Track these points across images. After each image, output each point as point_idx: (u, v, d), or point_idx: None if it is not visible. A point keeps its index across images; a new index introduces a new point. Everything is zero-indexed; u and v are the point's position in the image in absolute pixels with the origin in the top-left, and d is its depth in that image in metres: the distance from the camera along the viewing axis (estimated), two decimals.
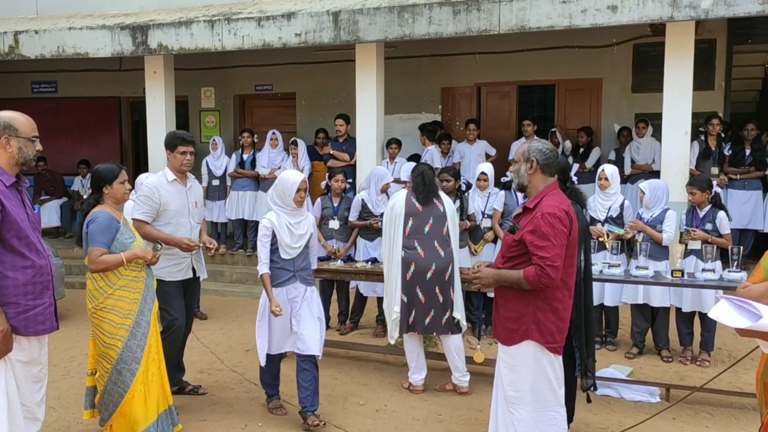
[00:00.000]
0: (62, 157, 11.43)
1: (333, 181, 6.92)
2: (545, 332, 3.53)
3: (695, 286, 5.24)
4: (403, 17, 7.66)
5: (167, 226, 4.85)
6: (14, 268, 3.24)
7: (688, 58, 7.10)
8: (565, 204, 3.56)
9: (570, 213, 3.53)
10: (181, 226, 4.90)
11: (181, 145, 4.91)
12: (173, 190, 4.91)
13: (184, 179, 5.03)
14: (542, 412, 3.62)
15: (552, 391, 3.62)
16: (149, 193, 4.81)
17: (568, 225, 3.47)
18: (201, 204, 5.18)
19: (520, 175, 3.67)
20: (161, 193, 4.83)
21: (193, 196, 5.04)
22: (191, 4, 9.60)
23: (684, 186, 6.96)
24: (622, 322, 6.50)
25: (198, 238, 5.02)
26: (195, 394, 5.23)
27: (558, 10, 7.07)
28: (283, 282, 4.63)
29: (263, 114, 11.55)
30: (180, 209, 4.91)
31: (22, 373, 3.32)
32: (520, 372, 3.61)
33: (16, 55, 9.36)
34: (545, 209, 3.47)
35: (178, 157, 4.91)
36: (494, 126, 10.33)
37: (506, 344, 3.65)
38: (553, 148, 3.71)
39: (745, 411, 4.94)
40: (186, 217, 4.94)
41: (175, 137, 4.97)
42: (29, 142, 3.32)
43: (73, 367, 5.99)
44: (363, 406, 5.09)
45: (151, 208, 4.80)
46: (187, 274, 5.02)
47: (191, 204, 5.00)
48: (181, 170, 4.96)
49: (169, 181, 4.92)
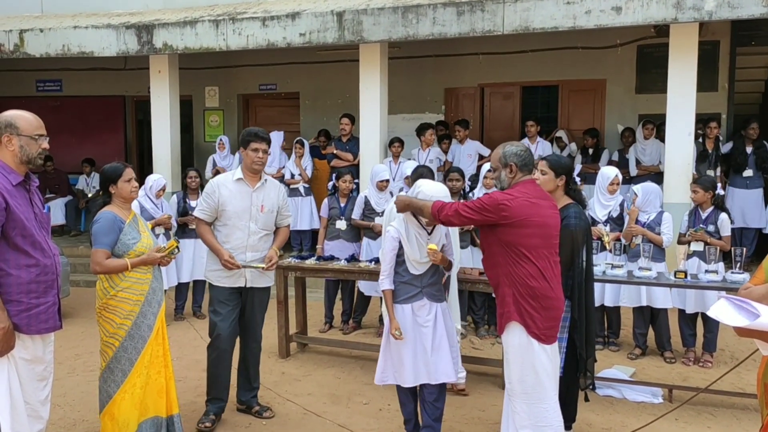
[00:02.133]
0: (67, 155, 11.46)
1: (341, 181, 6.95)
2: (524, 314, 3.61)
3: (698, 288, 5.26)
4: (407, 17, 7.68)
5: (224, 227, 4.56)
6: (18, 267, 3.25)
7: (691, 60, 7.11)
8: (530, 194, 3.68)
9: (516, 203, 3.60)
10: (238, 229, 4.55)
11: (254, 142, 4.54)
12: (236, 190, 4.57)
13: (254, 179, 4.62)
14: (534, 405, 3.68)
15: (539, 382, 3.66)
16: (209, 191, 4.57)
17: (498, 211, 3.59)
18: (274, 208, 4.68)
19: (502, 180, 3.81)
20: (221, 192, 4.53)
21: (260, 199, 4.60)
22: (196, 3, 9.63)
23: (687, 187, 6.99)
24: (624, 323, 6.51)
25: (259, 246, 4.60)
26: (259, 417, 4.81)
27: (562, 11, 7.08)
28: (408, 299, 4.11)
29: (267, 113, 11.58)
30: (239, 212, 4.54)
31: (25, 371, 3.33)
32: (510, 362, 3.73)
33: (21, 54, 9.40)
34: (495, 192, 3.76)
35: (250, 155, 4.54)
36: (497, 126, 10.34)
37: (500, 333, 3.80)
38: (526, 149, 3.83)
39: (747, 412, 4.95)
40: (245, 221, 4.55)
41: (248, 133, 4.61)
42: (31, 140, 3.31)
43: (78, 365, 6.02)
44: (366, 405, 5.10)
45: (208, 206, 4.55)
46: (237, 282, 4.61)
47: (255, 207, 4.57)
48: (252, 169, 4.58)
49: (234, 180, 4.60)
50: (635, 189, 6.12)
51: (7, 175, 3.26)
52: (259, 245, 4.62)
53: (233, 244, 4.55)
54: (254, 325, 4.79)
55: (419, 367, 4.09)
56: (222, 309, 4.60)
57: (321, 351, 6.40)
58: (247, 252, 4.57)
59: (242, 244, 4.56)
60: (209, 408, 4.70)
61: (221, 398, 4.73)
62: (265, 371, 5.80)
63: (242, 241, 4.55)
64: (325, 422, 4.79)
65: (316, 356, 6.27)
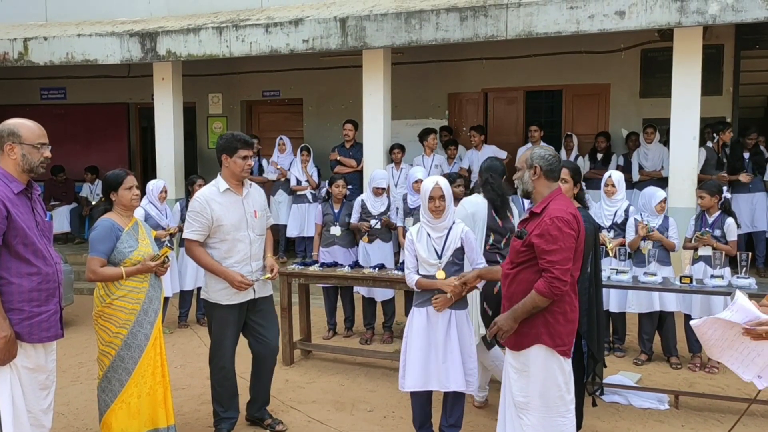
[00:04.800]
0: (71, 162, 11.47)
1: (333, 187, 6.95)
2: (555, 335, 3.52)
3: (704, 293, 5.23)
4: (410, 23, 7.67)
5: (223, 243, 4.32)
6: (20, 275, 3.25)
7: (696, 64, 7.08)
8: (572, 208, 3.58)
9: (577, 217, 3.54)
10: (239, 242, 4.35)
11: (243, 149, 4.32)
12: (227, 202, 4.35)
13: (240, 187, 4.44)
14: (551, 418, 3.60)
15: (561, 396, 3.60)
16: (199, 209, 4.28)
17: (575, 229, 3.48)
18: (263, 211, 4.55)
19: (525, 182, 3.67)
20: (213, 208, 4.28)
21: (251, 205, 4.44)
22: (199, 11, 9.65)
23: (692, 192, 6.96)
24: (630, 329, 6.48)
25: (260, 253, 4.49)
26: (272, 430, 4.69)
27: (565, 15, 7.06)
28: (424, 302, 4.11)
29: (270, 120, 11.59)
30: (236, 223, 4.34)
31: (28, 380, 3.32)
32: (530, 377, 3.59)
33: (26, 62, 9.43)
34: (553, 213, 3.46)
35: (239, 163, 4.31)
36: (501, 132, 10.31)
37: (516, 349, 3.63)
38: (555, 154, 3.71)
39: (754, 417, 4.91)
40: (244, 231, 4.37)
41: (235, 139, 4.36)
42: (33, 149, 3.30)
43: (82, 373, 6.01)
44: (371, 412, 5.08)
45: (201, 225, 4.28)
46: (247, 296, 4.43)
47: (249, 214, 4.40)
48: (240, 177, 4.38)
49: (221, 192, 4.35)
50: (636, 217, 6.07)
51: (9, 183, 3.26)
52: (259, 252, 4.50)
53: (238, 257, 4.37)
54: (271, 334, 4.62)
55: (430, 373, 4.08)
56: (229, 329, 4.43)
57: (325, 358, 6.38)
58: (251, 262, 4.43)
59: (247, 255, 4.39)
60: (222, 426, 4.54)
61: (233, 416, 4.59)
62: None
63: (246, 252, 4.38)
64: (329, 429, 4.77)
65: (320, 363, 6.25)
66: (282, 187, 9.42)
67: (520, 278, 3.59)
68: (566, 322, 3.54)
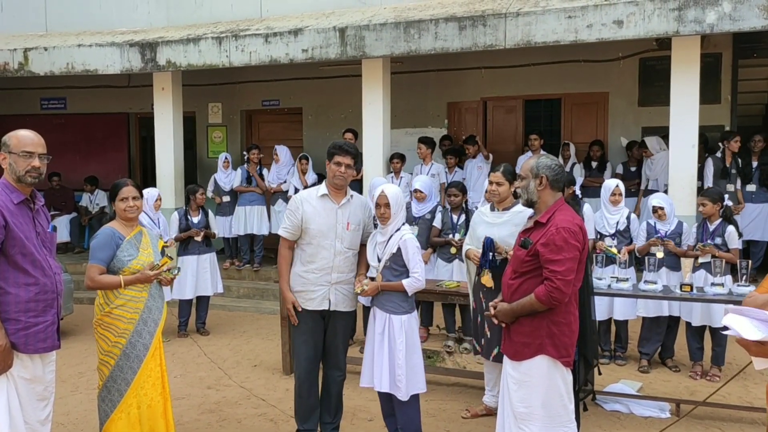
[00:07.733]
0: (71, 172, 11.49)
1: None
2: (559, 346, 3.52)
3: (704, 300, 5.23)
4: (409, 33, 7.70)
5: (308, 246, 4.28)
6: (17, 285, 3.25)
7: (694, 72, 7.11)
8: (578, 219, 3.59)
9: (583, 229, 3.55)
10: (323, 249, 4.26)
11: (338, 155, 4.25)
12: (320, 207, 4.28)
13: (339, 195, 4.33)
14: (553, 428, 3.59)
15: (564, 405, 3.60)
16: (293, 207, 4.32)
17: (581, 241, 3.49)
18: (358, 225, 4.38)
19: (529, 191, 3.65)
20: (304, 209, 4.26)
21: (345, 216, 4.31)
22: (199, 21, 9.68)
23: (691, 200, 6.97)
24: (632, 337, 6.47)
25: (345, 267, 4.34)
26: None
27: (564, 25, 7.09)
28: (373, 303, 4.33)
29: (270, 129, 11.60)
30: (324, 230, 4.25)
31: (25, 391, 3.31)
32: (532, 388, 3.57)
33: (26, 72, 9.46)
34: (560, 223, 3.47)
35: (332, 168, 4.26)
36: (500, 140, 10.33)
37: (516, 359, 3.62)
38: (560, 164, 3.72)
39: (755, 425, 4.90)
40: (331, 240, 4.26)
41: (333, 146, 4.31)
42: (18, 158, 3.29)
43: (81, 383, 5.99)
44: (371, 422, 5.07)
45: (292, 223, 4.29)
46: (321, 305, 4.31)
47: (341, 224, 4.29)
48: (334, 183, 4.29)
49: (318, 196, 4.31)
50: None
51: (9, 193, 3.27)
52: (345, 266, 4.34)
53: (319, 264, 4.28)
54: (335, 350, 4.49)
55: (373, 371, 4.26)
56: (301, 337, 4.39)
57: None
58: (333, 273, 4.31)
59: (328, 264, 4.29)
60: None
61: (309, 430, 4.49)
62: (268, 387, 5.79)
63: (328, 262, 4.28)
64: None
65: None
66: (281, 196, 9.42)
67: (523, 289, 3.58)
68: (571, 333, 3.55)
